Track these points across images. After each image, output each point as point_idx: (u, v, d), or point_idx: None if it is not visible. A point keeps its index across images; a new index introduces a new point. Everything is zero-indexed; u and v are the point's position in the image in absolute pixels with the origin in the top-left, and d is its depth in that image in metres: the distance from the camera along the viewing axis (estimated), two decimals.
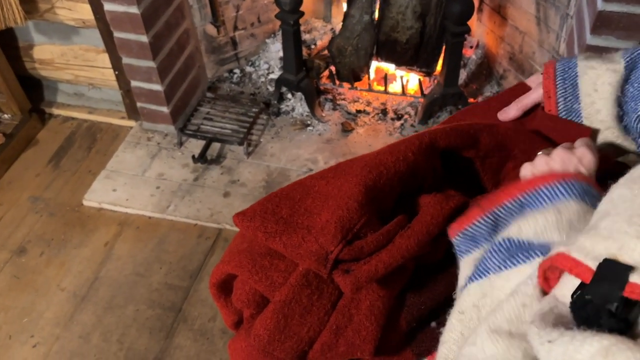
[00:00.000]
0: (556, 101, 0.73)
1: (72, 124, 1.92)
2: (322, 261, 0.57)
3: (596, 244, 0.42)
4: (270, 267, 0.63)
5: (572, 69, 0.72)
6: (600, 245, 0.42)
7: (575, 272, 0.42)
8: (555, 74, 0.73)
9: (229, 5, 1.85)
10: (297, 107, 1.88)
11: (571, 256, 0.42)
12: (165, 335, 1.37)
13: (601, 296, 0.39)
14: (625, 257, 0.40)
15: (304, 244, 0.58)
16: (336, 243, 0.57)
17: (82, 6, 1.63)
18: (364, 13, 1.73)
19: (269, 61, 2.01)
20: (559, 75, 0.73)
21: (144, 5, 1.51)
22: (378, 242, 0.57)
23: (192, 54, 1.83)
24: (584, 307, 0.41)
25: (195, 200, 1.63)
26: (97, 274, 1.50)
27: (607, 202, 0.47)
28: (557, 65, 0.73)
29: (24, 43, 1.82)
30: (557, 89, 0.73)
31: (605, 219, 0.44)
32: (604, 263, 0.40)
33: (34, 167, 1.78)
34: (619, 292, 0.38)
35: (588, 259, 0.41)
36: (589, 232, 0.44)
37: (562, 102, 0.73)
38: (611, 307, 0.39)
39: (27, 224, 1.62)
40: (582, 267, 0.41)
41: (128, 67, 1.67)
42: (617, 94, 0.70)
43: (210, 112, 1.85)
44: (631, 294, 0.38)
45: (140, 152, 1.78)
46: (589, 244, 0.42)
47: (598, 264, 0.41)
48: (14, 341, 1.37)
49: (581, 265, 0.41)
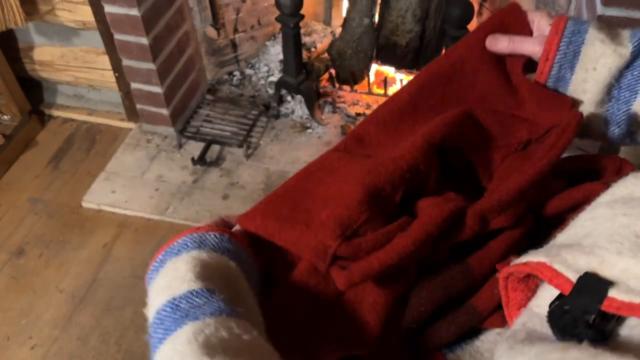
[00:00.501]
0: (551, 66, 0.67)
1: (71, 125, 1.92)
2: (321, 255, 0.57)
3: (578, 258, 0.43)
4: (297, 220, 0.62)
5: (581, 35, 0.66)
6: (582, 259, 0.43)
7: (554, 282, 0.43)
8: (563, 33, 0.66)
9: (229, 7, 1.86)
10: (296, 110, 1.88)
11: (552, 267, 0.44)
12: None
13: (580, 307, 0.41)
14: (605, 272, 0.41)
15: (303, 239, 0.58)
16: (335, 238, 0.57)
17: (83, 8, 1.63)
18: (364, 16, 1.73)
19: (268, 64, 2.01)
20: (566, 37, 0.66)
21: (144, 8, 1.52)
22: (377, 241, 0.57)
23: (192, 56, 1.83)
24: (561, 317, 0.42)
25: (195, 202, 1.63)
26: (95, 276, 1.50)
27: (589, 221, 0.48)
28: (567, 25, 0.67)
29: (24, 44, 1.83)
30: (558, 52, 0.67)
31: (587, 237, 0.46)
32: (584, 276, 0.42)
33: (33, 169, 1.78)
34: (597, 304, 0.40)
35: (569, 271, 0.43)
36: (571, 248, 0.45)
37: (557, 69, 0.68)
38: (589, 319, 0.40)
39: (26, 225, 1.62)
40: (562, 278, 0.43)
41: (128, 69, 1.67)
42: (612, 81, 0.66)
43: (209, 114, 1.86)
44: (609, 307, 0.39)
45: (140, 154, 1.78)
46: (570, 258, 0.43)
47: (578, 276, 0.42)
48: (12, 342, 1.37)
49: (562, 276, 0.43)
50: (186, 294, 0.47)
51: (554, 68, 0.67)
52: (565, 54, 0.67)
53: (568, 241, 0.48)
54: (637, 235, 0.42)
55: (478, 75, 0.71)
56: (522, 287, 0.50)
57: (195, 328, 0.43)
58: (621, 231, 0.43)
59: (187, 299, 0.46)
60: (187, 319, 0.45)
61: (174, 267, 0.50)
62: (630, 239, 0.42)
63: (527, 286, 0.50)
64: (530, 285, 0.50)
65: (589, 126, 0.69)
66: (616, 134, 0.69)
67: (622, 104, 0.66)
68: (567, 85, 0.68)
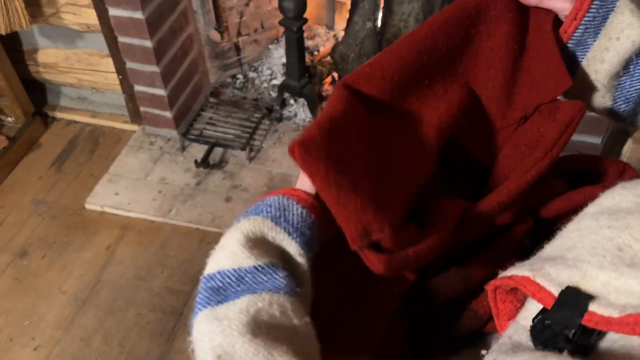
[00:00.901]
0: (577, 27, 0.63)
1: (75, 127, 1.93)
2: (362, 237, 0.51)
3: (560, 272, 0.43)
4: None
5: (613, 1, 0.63)
6: (564, 273, 0.43)
7: (537, 296, 0.43)
8: None
9: (232, 11, 1.87)
10: (299, 113, 1.89)
11: (535, 281, 0.43)
12: (166, 339, 1.37)
13: (560, 322, 0.40)
14: (586, 286, 0.41)
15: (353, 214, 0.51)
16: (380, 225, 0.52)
17: (87, 11, 1.64)
18: (366, 20, 1.74)
19: (271, 67, 2.02)
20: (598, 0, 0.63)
21: (148, 11, 1.52)
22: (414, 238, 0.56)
23: (196, 59, 1.84)
24: (542, 332, 0.42)
25: (197, 204, 1.64)
26: (98, 277, 1.50)
27: (575, 232, 0.48)
28: None
29: (29, 47, 1.84)
30: (587, 14, 0.63)
31: (572, 250, 0.45)
32: (566, 290, 0.41)
33: (36, 170, 1.79)
34: (578, 319, 0.39)
35: (551, 285, 0.42)
36: (555, 261, 0.45)
37: (581, 31, 0.64)
38: (569, 333, 0.40)
39: (29, 227, 1.63)
40: (545, 292, 0.42)
41: (132, 71, 1.68)
42: (632, 55, 0.62)
43: (212, 117, 1.86)
44: (589, 322, 0.39)
45: (143, 156, 1.78)
46: (553, 271, 0.43)
47: (560, 290, 0.42)
48: (15, 344, 1.38)
49: (544, 290, 0.43)
50: (252, 269, 0.49)
51: (579, 29, 0.64)
52: (594, 17, 0.63)
53: (554, 253, 0.48)
54: (619, 248, 0.42)
55: (499, 23, 0.66)
56: (511, 299, 0.50)
57: (250, 301, 0.46)
58: (604, 244, 0.43)
59: (252, 273, 0.48)
60: (248, 292, 0.47)
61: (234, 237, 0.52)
62: (612, 252, 0.42)
63: (516, 297, 0.50)
64: (518, 296, 0.50)
65: (595, 97, 0.67)
66: (622, 110, 0.67)
67: (637, 81, 0.64)
68: (587, 50, 0.65)
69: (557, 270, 0.43)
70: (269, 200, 0.54)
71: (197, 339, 0.47)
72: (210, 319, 0.46)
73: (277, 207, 0.53)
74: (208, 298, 0.48)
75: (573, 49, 0.66)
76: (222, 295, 0.48)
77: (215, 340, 0.44)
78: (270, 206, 0.53)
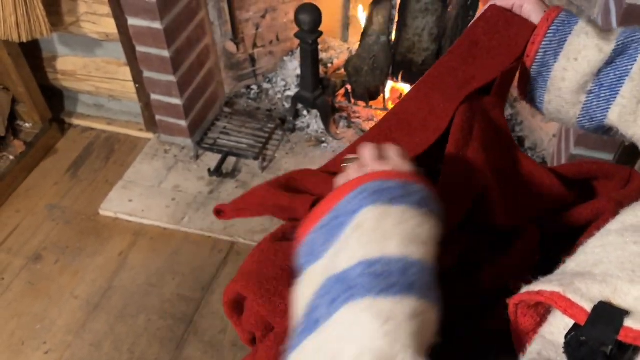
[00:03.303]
0: (537, 50, 0.71)
1: (91, 134, 1.96)
2: None
3: (591, 287, 0.42)
4: (274, 293, 0.62)
5: (570, 26, 0.70)
6: (595, 288, 0.42)
7: (569, 313, 0.42)
8: (554, 21, 0.70)
9: (249, 23, 1.89)
10: (312, 124, 1.90)
11: (566, 297, 0.43)
12: (175, 346, 1.38)
13: (596, 339, 0.40)
14: (619, 301, 0.41)
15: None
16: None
17: (107, 20, 1.67)
18: (381, 34, 1.76)
19: (285, 78, 2.04)
20: (555, 25, 0.70)
21: (167, 21, 1.55)
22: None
23: (212, 69, 1.87)
24: (578, 348, 0.41)
25: (210, 212, 1.65)
26: (110, 283, 1.52)
27: (599, 248, 0.48)
28: (559, 15, 0.71)
29: (48, 54, 1.87)
30: (545, 38, 0.70)
31: (598, 265, 0.45)
32: (599, 305, 0.41)
33: (52, 176, 1.81)
34: (613, 335, 0.39)
35: (583, 300, 0.42)
36: (583, 277, 0.44)
37: (542, 54, 0.71)
38: (606, 350, 0.39)
39: (43, 232, 1.65)
40: (577, 308, 0.42)
41: (148, 80, 1.70)
42: (590, 75, 0.69)
43: (227, 126, 1.88)
44: (626, 337, 0.39)
45: (157, 164, 1.80)
46: (584, 287, 0.43)
47: (593, 306, 0.41)
48: (27, 347, 1.39)
49: (576, 306, 0.42)
50: (418, 263, 0.46)
51: (539, 53, 0.71)
52: (551, 41, 0.70)
53: (578, 269, 0.48)
54: None
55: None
56: (532, 313, 0.50)
57: (418, 305, 0.43)
58: (632, 259, 0.43)
59: (418, 268, 0.46)
60: (412, 291, 0.43)
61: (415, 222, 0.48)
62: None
63: (537, 312, 0.50)
64: (539, 311, 0.50)
65: (560, 112, 0.74)
66: (585, 126, 0.73)
67: (602, 102, 0.69)
68: (550, 71, 0.72)
69: (587, 286, 0.43)
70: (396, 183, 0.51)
71: (340, 324, 0.42)
72: (373, 312, 0.41)
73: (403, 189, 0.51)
74: (370, 284, 0.43)
75: (537, 71, 0.73)
76: (384, 283, 0.43)
77: (375, 341, 0.40)
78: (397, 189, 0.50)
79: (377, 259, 0.45)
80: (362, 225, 0.48)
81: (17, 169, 1.77)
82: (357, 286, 0.43)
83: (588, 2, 1.45)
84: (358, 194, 0.50)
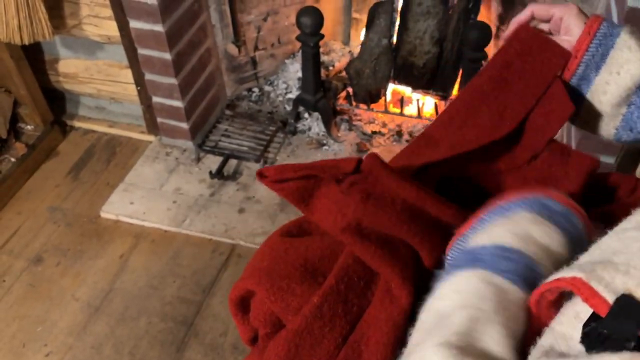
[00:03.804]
0: (578, 64, 0.71)
1: (92, 136, 1.96)
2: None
3: (614, 278, 0.41)
4: (287, 290, 0.63)
5: (612, 38, 0.69)
6: (618, 278, 0.40)
7: (591, 302, 0.40)
8: (595, 34, 0.69)
9: (250, 26, 1.89)
10: (313, 127, 1.90)
11: (590, 284, 0.41)
12: (176, 348, 1.38)
13: (619, 333, 0.38)
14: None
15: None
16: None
17: (109, 23, 1.67)
18: (382, 37, 1.76)
19: (287, 81, 2.04)
20: (597, 38, 0.69)
21: (168, 24, 1.55)
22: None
23: (213, 72, 1.87)
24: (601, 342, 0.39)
25: (211, 215, 1.65)
26: (111, 286, 1.52)
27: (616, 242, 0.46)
28: (601, 26, 0.70)
29: (50, 57, 1.87)
30: (587, 52, 0.70)
31: (618, 255, 0.43)
32: (622, 298, 0.39)
33: (53, 178, 1.82)
34: (636, 330, 0.37)
35: (606, 291, 0.40)
36: (605, 264, 0.42)
37: (583, 68, 0.71)
38: (629, 346, 0.37)
39: (44, 234, 1.65)
40: (599, 298, 0.40)
41: (150, 83, 1.70)
42: (633, 87, 0.68)
43: (228, 129, 1.88)
44: None
45: (159, 167, 1.81)
46: (607, 276, 0.41)
47: (616, 298, 0.39)
48: (28, 349, 1.39)
49: (599, 296, 0.40)
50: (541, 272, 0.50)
51: (581, 67, 0.71)
52: (594, 55, 0.70)
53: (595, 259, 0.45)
54: None
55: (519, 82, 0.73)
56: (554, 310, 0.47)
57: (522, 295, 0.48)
58: None
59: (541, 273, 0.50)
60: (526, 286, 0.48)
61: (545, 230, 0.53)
62: None
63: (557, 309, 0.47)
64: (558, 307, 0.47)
65: (599, 125, 0.73)
66: (624, 138, 0.73)
67: None
68: (590, 84, 0.72)
69: (610, 275, 0.41)
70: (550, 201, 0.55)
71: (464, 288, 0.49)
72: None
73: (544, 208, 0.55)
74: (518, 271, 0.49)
75: (577, 84, 0.73)
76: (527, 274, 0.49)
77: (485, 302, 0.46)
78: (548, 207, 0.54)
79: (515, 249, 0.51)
80: (511, 218, 0.54)
81: (18, 171, 1.77)
82: (483, 261, 0.50)
83: (590, 6, 1.46)
84: (520, 201, 0.55)
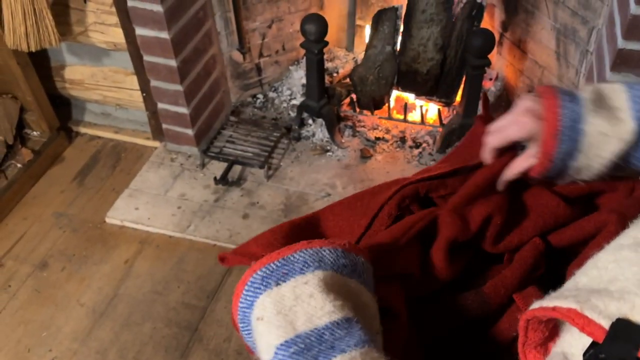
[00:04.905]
0: (550, 167, 0.65)
1: (98, 142, 1.97)
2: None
3: (608, 304, 0.42)
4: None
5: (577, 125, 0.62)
6: (612, 305, 0.42)
7: (587, 330, 0.42)
8: (559, 129, 0.63)
9: (255, 33, 1.91)
10: (317, 133, 1.91)
11: (583, 314, 0.42)
12: (180, 354, 1.38)
13: (616, 356, 0.39)
14: (637, 317, 0.40)
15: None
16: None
17: (115, 30, 1.69)
18: (386, 44, 1.77)
19: (291, 87, 2.05)
20: (563, 132, 0.62)
21: (174, 31, 1.57)
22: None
23: (218, 78, 1.88)
24: None
25: (215, 221, 1.66)
26: (116, 291, 1.52)
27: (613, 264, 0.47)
28: (561, 115, 0.63)
29: (56, 63, 1.89)
30: (556, 154, 0.64)
31: (614, 282, 0.45)
32: (617, 322, 0.40)
33: (59, 184, 1.83)
34: (634, 352, 0.38)
35: (601, 317, 0.41)
36: (600, 294, 0.44)
37: (556, 166, 0.65)
38: None
39: (50, 239, 1.66)
40: (595, 325, 0.41)
41: (156, 89, 1.72)
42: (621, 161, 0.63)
43: (232, 135, 1.89)
44: None
45: (164, 172, 1.82)
46: (601, 304, 0.42)
47: (611, 323, 0.41)
48: (33, 354, 1.40)
49: (594, 324, 0.41)
50: (328, 325, 0.46)
51: (554, 165, 0.66)
52: (565, 152, 0.64)
53: (593, 284, 0.47)
54: None
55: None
56: (542, 328, 0.50)
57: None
58: None
59: (330, 330, 0.46)
60: (335, 351, 0.45)
61: (307, 291, 0.49)
62: None
63: (546, 326, 0.50)
64: (548, 325, 0.50)
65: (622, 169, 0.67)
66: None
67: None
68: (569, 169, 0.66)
69: (604, 303, 0.42)
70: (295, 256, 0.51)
71: None
72: None
73: (313, 259, 0.51)
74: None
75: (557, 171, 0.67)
76: (309, 356, 0.45)
77: None
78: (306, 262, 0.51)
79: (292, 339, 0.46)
80: (262, 317, 0.49)
81: (24, 177, 1.79)
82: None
83: (593, 13, 1.46)
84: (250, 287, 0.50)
